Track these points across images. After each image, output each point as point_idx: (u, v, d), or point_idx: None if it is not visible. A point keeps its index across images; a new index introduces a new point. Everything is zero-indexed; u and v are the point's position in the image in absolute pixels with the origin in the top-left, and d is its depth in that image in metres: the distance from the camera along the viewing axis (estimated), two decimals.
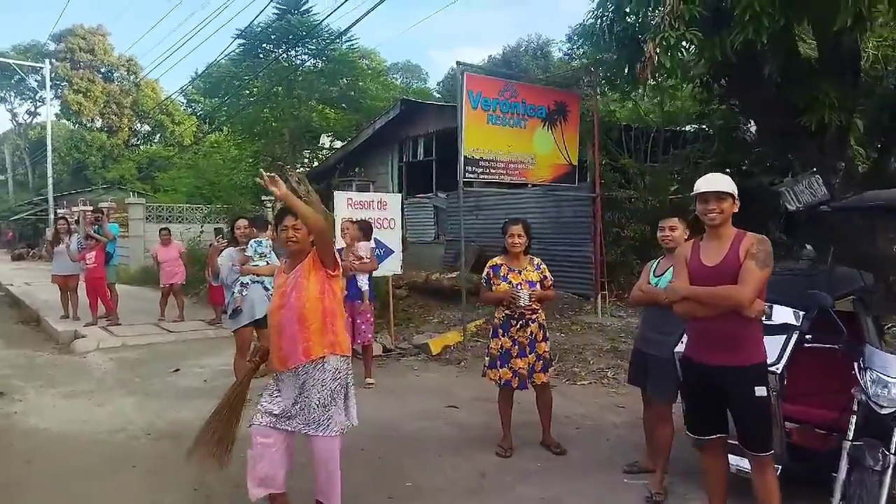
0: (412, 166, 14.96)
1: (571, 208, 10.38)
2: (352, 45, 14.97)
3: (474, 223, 11.71)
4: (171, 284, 10.62)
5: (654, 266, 4.11)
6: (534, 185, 9.08)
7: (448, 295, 10.28)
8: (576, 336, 8.39)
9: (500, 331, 4.63)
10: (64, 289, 10.56)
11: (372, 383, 6.58)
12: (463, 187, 7.90)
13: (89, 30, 40.17)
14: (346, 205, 8.05)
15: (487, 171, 8.20)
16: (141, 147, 41.14)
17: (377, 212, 8.23)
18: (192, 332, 9.82)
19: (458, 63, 7.78)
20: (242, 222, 6.05)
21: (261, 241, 6.00)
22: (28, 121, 45.00)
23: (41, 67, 32.14)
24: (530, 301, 4.46)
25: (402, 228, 8.80)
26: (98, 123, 40.51)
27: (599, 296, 9.37)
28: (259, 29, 14.30)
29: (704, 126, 12.35)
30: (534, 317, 4.56)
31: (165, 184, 24.53)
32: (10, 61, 33.50)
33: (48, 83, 31.46)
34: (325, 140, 18.22)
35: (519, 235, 4.58)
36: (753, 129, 11.33)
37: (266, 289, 5.94)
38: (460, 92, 7.85)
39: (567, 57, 33.20)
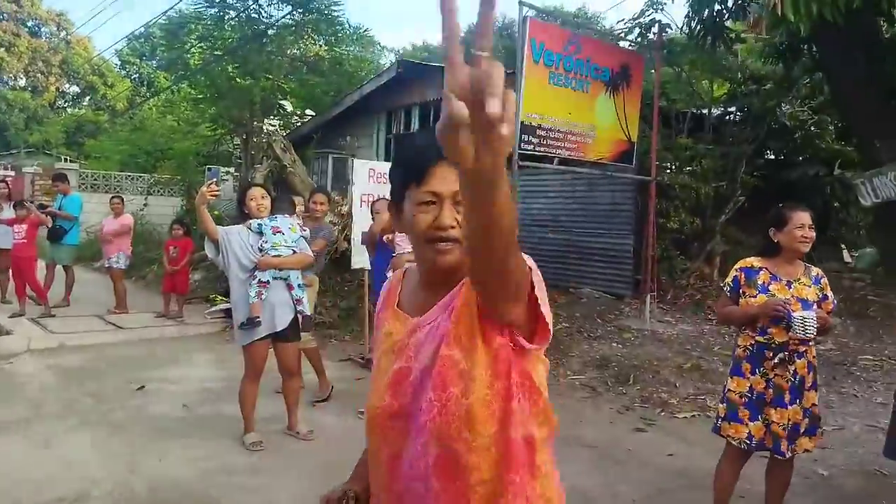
0: (401, 139, 13.18)
1: (610, 193, 8.95)
2: None
3: None
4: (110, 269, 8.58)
5: None
6: (592, 164, 7.60)
7: None
8: (635, 347, 6.98)
9: (747, 365, 3.12)
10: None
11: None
12: (518, 161, 6.29)
13: None
14: (369, 177, 6.32)
15: (545, 141, 6.63)
16: (69, 110, 37.39)
17: None
18: (147, 328, 7.88)
19: (521, 2, 6.14)
20: (258, 191, 4.27)
21: (278, 219, 4.26)
22: None
23: None
24: (813, 330, 2.95)
25: None
26: (22, 82, 36.57)
27: (649, 297, 7.99)
28: None
29: (734, 109, 11.21)
30: (802, 349, 3.06)
31: (95, 150, 21.80)
32: None
33: None
34: (288, 106, 16.17)
35: (811, 227, 3.07)
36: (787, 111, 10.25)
37: (291, 287, 4.22)
38: (520, 40, 6.23)
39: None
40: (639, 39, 8.73)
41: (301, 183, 9.05)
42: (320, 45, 14.50)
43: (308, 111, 15.14)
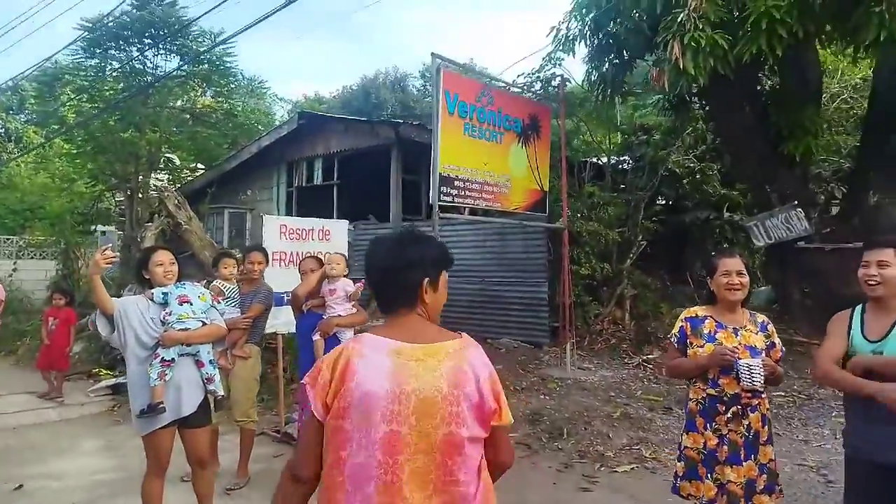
0: (305, 192, 12.71)
1: (522, 242, 8.95)
2: (228, 50, 12.44)
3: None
4: None
5: (859, 320, 2.73)
6: (507, 213, 7.53)
7: None
8: (562, 398, 6.85)
9: (701, 419, 2.97)
10: None
11: None
12: (438, 213, 6.10)
13: None
14: (280, 233, 5.89)
15: (463, 192, 6.50)
16: None
17: (318, 243, 6.16)
18: (22, 412, 6.85)
19: (434, 55, 6.04)
20: (166, 255, 3.74)
21: (185, 286, 3.76)
22: None
23: None
24: (761, 378, 2.83)
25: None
26: None
27: (569, 345, 7.96)
28: (110, 20, 11.42)
29: (627, 158, 11.76)
30: (755, 402, 2.93)
31: None
32: None
33: None
34: (176, 160, 15.26)
35: (740, 274, 2.97)
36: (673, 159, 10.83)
37: (201, 364, 3.72)
38: (436, 92, 6.11)
39: (421, 91, 32.83)
40: (541, 91, 8.96)
41: (199, 241, 8.39)
42: (210, 97, 13.91)
43: (200, 165, 14.37)
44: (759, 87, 8.37)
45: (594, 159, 10.59)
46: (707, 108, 8.33)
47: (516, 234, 8.95)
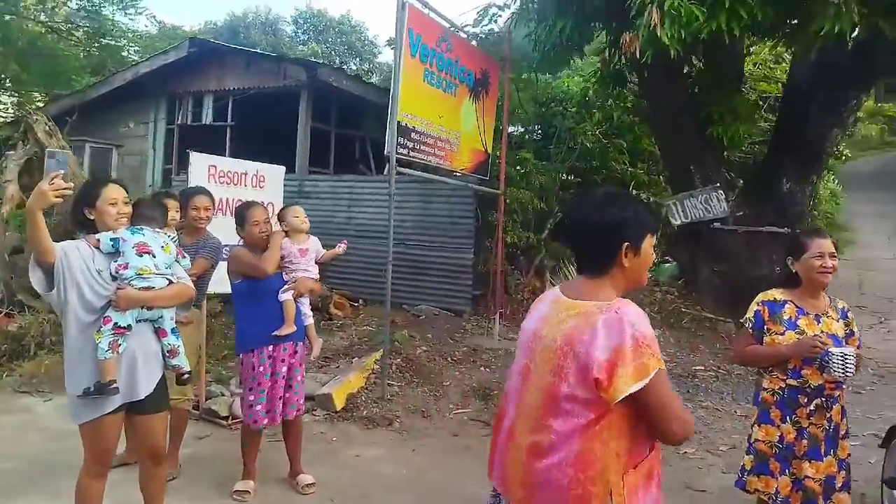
0: (190, 132, 11.18)
1: (448, 205, 8.46)
2: None
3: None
4: None
5: None
6: (457, 175, 6.98)
7: None
8: (500, 370, 6.52)
9: (777, 411, 2.72)
10: None
11: (312, 483, 3.86)
12: (395, 166, 5.42)
13: None
14: (208, 175, 4.94)
15: (418, 146, 5.85)
16: None
17: (252, 190, 5.28)
18: None
19: None
20: (118, 191, 2.83)
21: (144, 232, 2.88)
22: None
23: None
24: (853, 369, 2.58)
25: None
26: None
27: (498, 315, 7.68)
28: None
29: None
30: (836, 394, 2.70)
31: None
32: None
33: None
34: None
35: (833, 256, 2.70)
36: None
37: (164, 332, 2.91)
38: (399, 29, 5.36)
39: (293, 38, 30.79)
40: (487, 41, 8.40)
41: (72, 177, 6.94)
42: (73, 8, 11.80)
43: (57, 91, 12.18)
44: (688, 70, 8.49)
45: (522, 128, 10.32)
46: (644, 85, 8.30)
47: (442, 197, 8.45)
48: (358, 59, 30.19)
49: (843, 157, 15.31)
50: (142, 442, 2.93)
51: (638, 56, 5.95)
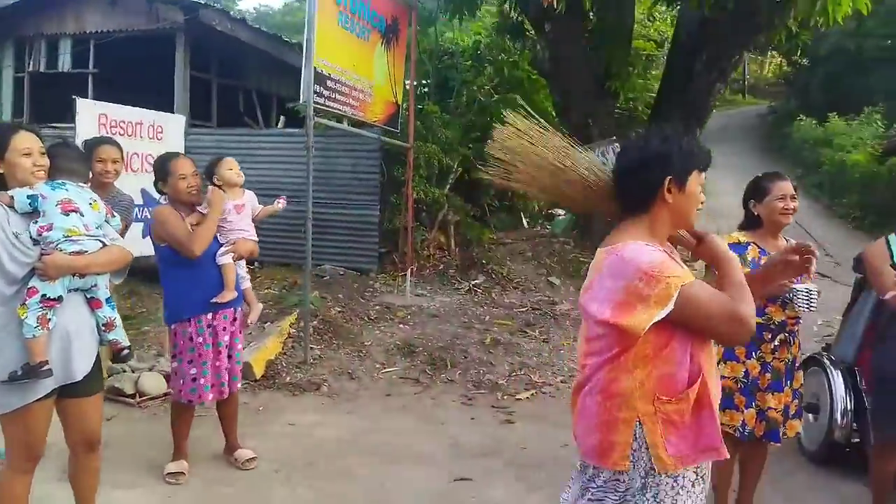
0: (44, 80, 9.79)
1: (351, 160, 8.12)
2: None
3: None
4: None
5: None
6: (371, 125, 6.61)
7: None
8: (420, 327, 6.47)
9: (741, 348, 2.81)
10: None
11: (253, 458, 3.61)
12: (313, 116, 5.05)
13: None
14: (98, 125, 4.34)
15: (333, 95, 5.48)
16: None
17: (149, 142, 4.73)
18: None
19: None
20: (30, 138, 2.35)
21: (68, 187, 2.46)
22: None
23: None
24: (815, 304, 2.73)
25: None
26: None
27: (409, 271, 7.58)
28: None
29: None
30: (796, 329, 2.85)
31: None
32: None
33: None
34: None
35: (793, 198, 2.80)
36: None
37: (98, 303, 2.55)
38: None
39: None
40: None
41: None
42: None
43: None
44: (585, 24, 8.65)
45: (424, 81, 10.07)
46: (545, 38, 8.34)
47: (344, 151, 8.09)
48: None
49: None
50: (75, 429, 2.55)
51: (555, 5, 5.94)
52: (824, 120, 18.92)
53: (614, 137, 8.49)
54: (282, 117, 10.00)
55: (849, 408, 3.58)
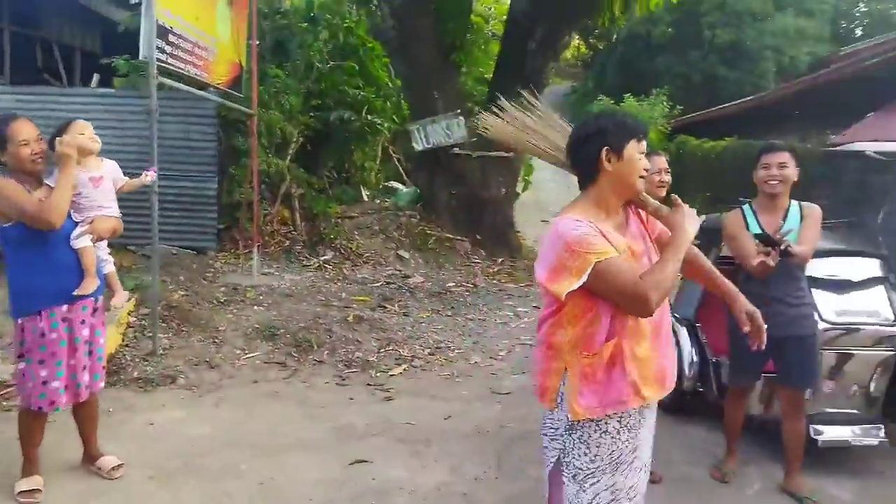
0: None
1: (182, 126, 7.35)
2: None
3: None
4: None
5: (753, 219, 3.30)
6: (212, 88, 5.92)
7: None
8: (274, 307, 6.14)
9: None
10: None
11: (120, 465, 3.21)
12: (156, 74, 4.45)
13: None
14: None
15: (176, 52, 4.85)
16: None
17: None
18: None
19: None
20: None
21: None
22: None
23: None
24: None
25: None
26: None
27: (256, 249, 7.14)
28: None
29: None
30: None
31: None
32: None
33: None
34: None
35: (666, 171, 3.22)
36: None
37: None
38: None
39: None
40: None
41: None
42: None
43: None
44: None
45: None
46: (393, 9, 8.18)
47: (176, 117, 7.30)
48: None
49: None
50: None
51: None
52: (620, 100, 20.87)
53: (458, 111, 8.72)
54: (95, 75, 8.76)
55: (694, 360, 4.04)
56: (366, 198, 11.84)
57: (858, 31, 25.49)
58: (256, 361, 4.97)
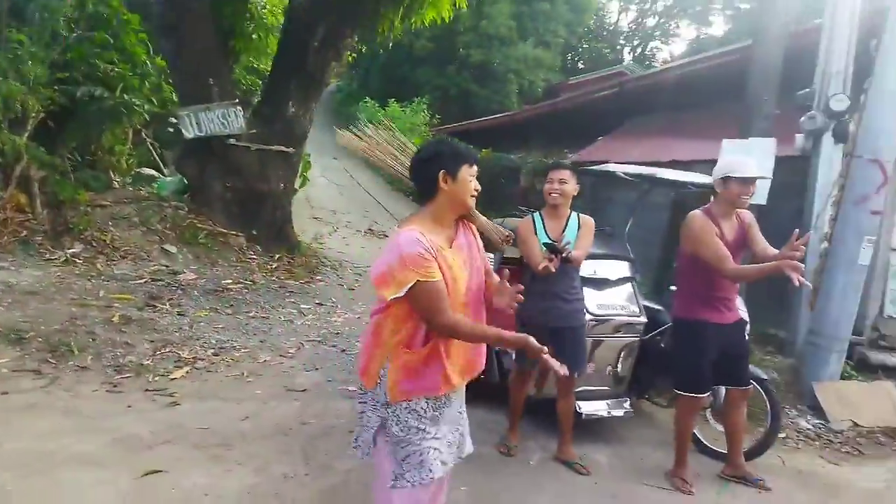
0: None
1: None
2: None
3: None
4: None
5: (541, 225, 3.81)
6: None
7: None
8: (19, 308, 5.25)
9: None
10: None
11: None
12: None
13: None
14: None
15: None
16: None
17: None
18: None
19: None
20: None
21: None
22: None
23: None
24: None
25: None
26: None
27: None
28: None
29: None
30: None
31: None
32: None
33: None
34: None
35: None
36: None
37: None
38: None
39: None
40: None
41: None
42: None
43: None
44: None
45: None
46: None
47: None
48: None
49: None
50: None
51: None
52: (385, 104, 21.68)
53: (236, 100, 8.32)
54: None
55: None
56: (116, 185, 10.64)
57: (580, 65, 29.88)
58: (3, 370, 4.24)
